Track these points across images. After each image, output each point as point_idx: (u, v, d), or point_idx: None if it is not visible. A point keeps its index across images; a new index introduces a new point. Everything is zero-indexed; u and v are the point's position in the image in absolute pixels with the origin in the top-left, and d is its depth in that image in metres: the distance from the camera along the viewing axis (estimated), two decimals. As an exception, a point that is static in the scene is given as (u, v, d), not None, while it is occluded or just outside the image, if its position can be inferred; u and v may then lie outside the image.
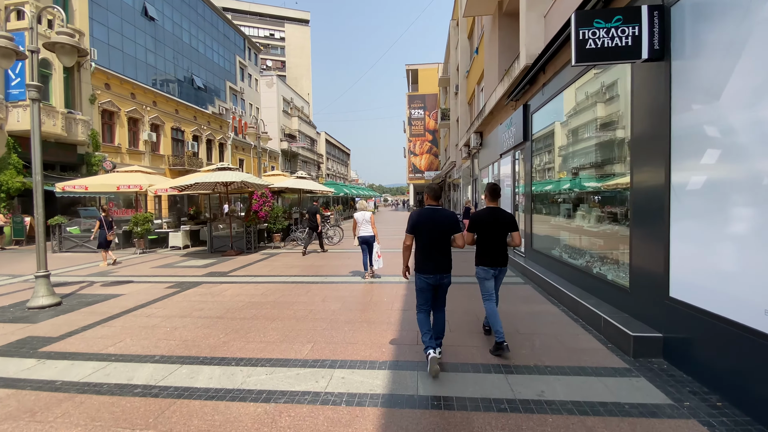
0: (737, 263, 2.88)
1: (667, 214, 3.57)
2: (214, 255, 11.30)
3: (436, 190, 3.74)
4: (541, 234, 7.60)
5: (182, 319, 5.21)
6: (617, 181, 4.94)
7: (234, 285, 7.22)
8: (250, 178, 10.65)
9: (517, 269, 7.98)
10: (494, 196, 4.17)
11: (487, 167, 13.52)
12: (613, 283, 4.63)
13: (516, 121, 8.67)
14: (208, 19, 32.67)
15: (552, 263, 6.70)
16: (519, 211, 8.91)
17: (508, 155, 9.66)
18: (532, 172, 7.82)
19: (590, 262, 5.44)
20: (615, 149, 5.02)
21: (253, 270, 8.72)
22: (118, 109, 20.58)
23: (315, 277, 7.82)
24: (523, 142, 8.25)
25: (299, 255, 11.00)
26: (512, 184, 9.31)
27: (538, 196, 7.77)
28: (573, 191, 6.31)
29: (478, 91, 15.63)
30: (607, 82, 5.18)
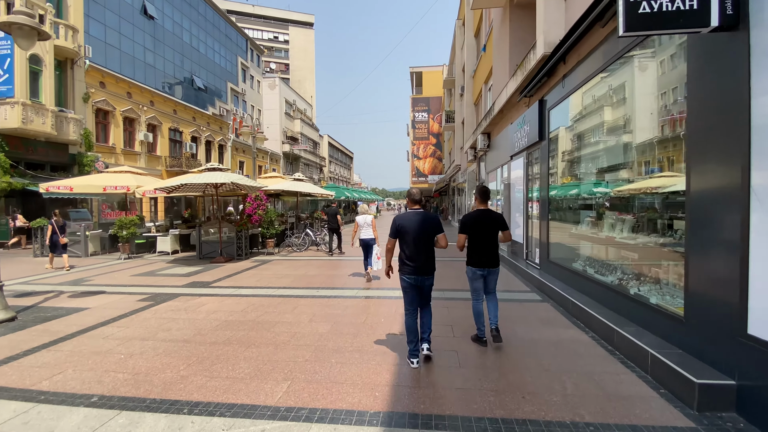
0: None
1: (746, 225, 2.75)
2: (203, 261, 10.55)
3: (415, 194, 3.90)
4: (559, 244, 6.78)
5: (143, 342, 4.42)
6: (658, 184, 4.13)
7: (214, 298, 6.44)
8: (241, 179, 9.92)
9: (532, 283, 7.14)
10: (484, 198, 4.29)
11: (495, 170, 12.70)
12: (659, 308, 3.80)
13: (530, 119, 7.87)
14: (210, 18, 32.23)
15: (574, 278, 5.86)
16: (533, 218, 8.09)
17: (520, 157, 8.86)
18: (549, 175, 7.01)
19: (624, 279, 4.61)
20: (655, 147, 4.21)
21: (239, 280, 7.94)
22: (113, 109, 19.99)
23: (306, 289, 7.02)
24: (539, 142, 7.44)
25: (293, 262, 10.21)
26: (524, 189, 8.50)
27: (556, 202, 6.96)
28: (599, 196, 5.48)
29: (486, 91, 14.86)
30: (645, 66, 4.38)
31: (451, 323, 5.01)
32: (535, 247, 7.99)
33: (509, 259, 9.18)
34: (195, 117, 27.08)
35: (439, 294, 6.41)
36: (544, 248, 7.19)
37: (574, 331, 4.68)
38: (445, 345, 4.24)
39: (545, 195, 7.11)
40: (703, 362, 3.13)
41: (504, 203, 10.22)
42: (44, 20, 16.10)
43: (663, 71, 4.11)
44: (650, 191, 4.36)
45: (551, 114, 7.00)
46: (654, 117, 4.24)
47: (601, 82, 5.32)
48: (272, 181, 14.88)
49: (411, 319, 3.77)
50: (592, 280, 5.29)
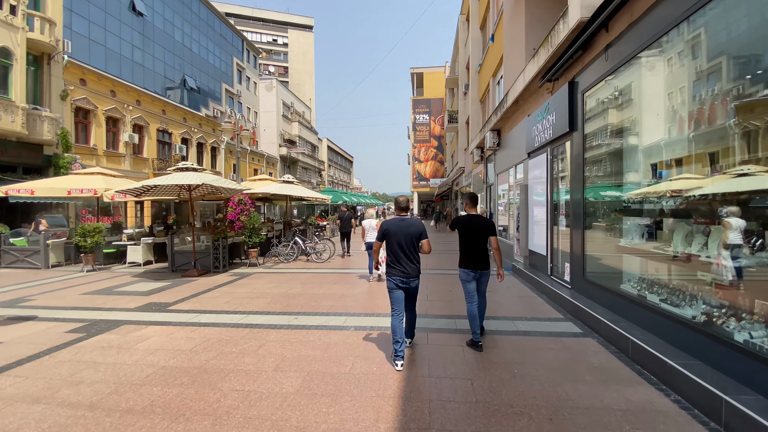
0: None
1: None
2: (174, 275, 9.19)
3: (402, 202, 4.15)
4: (601, 258, 5.41)
5: (29, 408, 3.07)
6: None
7: (163, 329, 5.08)
8: (217, 180, 8.59)
9: (564, 307, 5.76)
10: (473, 204, 4.50)
11: (506, 171, 11.36)
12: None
13: (556, 107, 6.54)
14: (204, 17, 31.17)
15: (626, 306, 4.49)
16: (559, 224, 6.72)
17: (541, 153, 7.52)
18: (584, 172, 5.65)
19: (716, 316, 3.24)
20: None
21: (204, 301, 6.57)
22: (94, 108, 18.76)
23: (282, 315, 5.64)
24: (568, 133, 6.11)
25: (277, 276, 8.85)
26: (547, 191, 7.14)
27: (594, 205, 5.60)
28: (665, 199, 4.13)
29: (494, 85, 13.57)
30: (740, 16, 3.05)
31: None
32: (562, 260, 6.62)
33: (527, 273, 7.81)
34: (186, 118, 25.87)
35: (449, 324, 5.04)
36: (578, 263, 5.82)
37: (647, 390, 3.28)
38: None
39: (579, 197, 5.75)
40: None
41: (521, 208, 8.86)
42: (16, 11, 14.92)
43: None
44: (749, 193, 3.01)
45: (586, 98, 5.67)
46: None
47: (664, 48, 3.99)
48: (259, 183, 13.55)
49: (397, 320, 3.87)
50: (656, 311, 3.92)
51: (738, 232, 3.17)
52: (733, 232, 3.19)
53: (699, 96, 3.60)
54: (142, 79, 23.96)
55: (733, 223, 3.19)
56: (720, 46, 3.37)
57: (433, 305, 6.05)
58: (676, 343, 3.58)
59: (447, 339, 4.51)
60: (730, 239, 3.21)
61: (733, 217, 3.19)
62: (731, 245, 3.19)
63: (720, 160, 3.39)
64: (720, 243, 3.31)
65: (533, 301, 6.33)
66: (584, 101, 5.69)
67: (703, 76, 3.57)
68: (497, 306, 5.99)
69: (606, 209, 5.32)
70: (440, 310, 5.79)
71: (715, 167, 3.44)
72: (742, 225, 3.14)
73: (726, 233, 3.22)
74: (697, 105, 3.62)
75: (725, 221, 3.25)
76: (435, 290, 7.13)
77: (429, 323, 5.10)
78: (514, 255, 9.97)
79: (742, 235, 3.12)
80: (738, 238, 3.16)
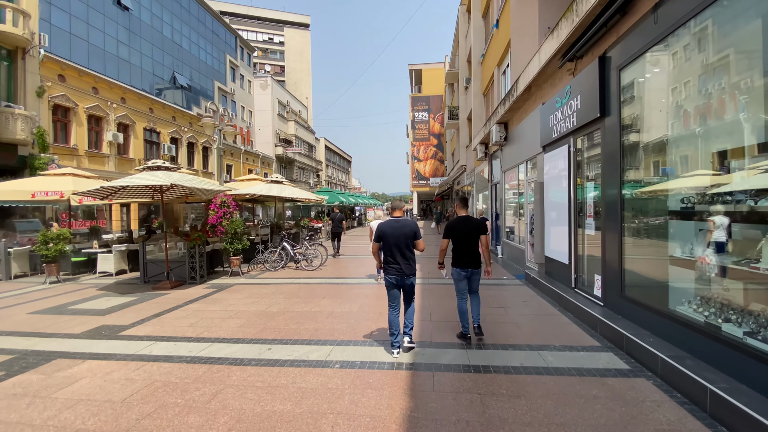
0: None
1: None
2: (145, 287, 8.18)
3: (397, 205, 4.44)
4: (645, 271, 4.39)
5: None
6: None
7: (102, 366, 4.05)
8: (191, 180, 7.56)
9: (597, 330, 4.74)
10: (464, 206, 4.66)
11: (514, 168, 10.35)
12: None
13: (581, 89, 5.53)
14: (194, 13, 30.14)
15: (686, 336, 3.48)
16: (586, 228, 5.70)
17: (561, 145, 6.50)
18: (622, 165, 4.64)
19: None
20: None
21: (166, 324, 5.54)
22: (74, 105, 17.72)
23: (253, 345, 4.60)
24: (599, 119, 5.09)
25: (259, 288, 7.82)
26: (570, 188, 6.13)
27: (635, 204, 4.58)
28: (748, 197, 3.11)
29: (498, 75, 12.56)
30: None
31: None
32: (590, 271, 5.61)
33: (544, 282, 6.79)
34: (175, 116, 24.84)
35: (459, 357, 4.03)
36: (614, 275, 4.80)
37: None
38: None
39: (615, 195, 4.74)
40: None
41: (535, 209, 7.84)
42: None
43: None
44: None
45: (623, 75, 4.65)
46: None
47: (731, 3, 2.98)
48: (247, 183, 12.52)
49: (393, 313, 4.19)
50: (741, 349, 2.90)
51: (722, 230, 3.27)
52: (718, 230, 3.31)
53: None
54: (129, 76, 22.93)
55: (717, 221, 3.32)
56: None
57: (439, 328, 5.03)
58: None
59: (459, 383, 3.49)
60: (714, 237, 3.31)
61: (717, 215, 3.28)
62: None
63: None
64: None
65: (557, 321, 5.31)
66: (620, 79, 4.67)
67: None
68: (515, 328, 4.97)
69: (654, 210, 4.30)
70: (448, 333, 4.77)
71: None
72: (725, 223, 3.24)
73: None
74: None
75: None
76: (439, 306, 6.11)
77: (435, 356, 4.09)
78: (526, 261, 8.96)
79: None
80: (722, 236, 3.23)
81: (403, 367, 3.81)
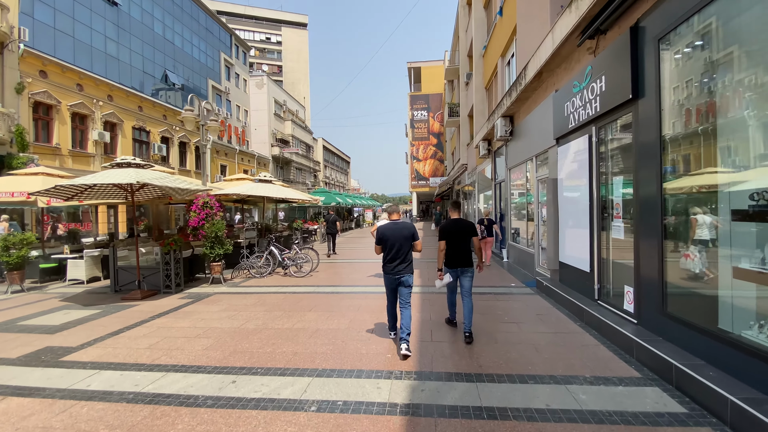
0: None
1: None
2: (115, 297, 7.37)
3: (396, 208, 4.70)
4: (694, 284, 3.59)
5: None
6: None
7: (22, 405, 3.23)
8: (164, 179, 6.74)
9: (633, 355, 3.93)
10: (456, 209, 4.93)
11: (521, 164, 9.55)
12: None
13: (606, 68, 4.74)
14: (187, 10, 29.36)
15: (758, 369, 2.68)
16: (612, 230, 4.89)
17: (580, 135, 5.70)
18: (662, 156, 3.83)
19: None
20: None
21: (121, 345, 4.72)
22: (57, 103, 16.91)
23: (215, 375, 3.79)
24: (631, 102, 4.29)
25: (239, 299, 7.01)
26: (591, 184, 5.32)
27: (682, 203, 3.77)
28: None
29: (502, 66, 11.77)
30: None
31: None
32: (618, 281, 4.80)
33: (559, 292, 5.98)
34: (166, 115, 24.05)
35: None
36: (651, 289, 3.99)
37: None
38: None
39: (653, 192, 3.93)
40: None
41: (548, 208, 7.03)
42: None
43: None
44: None
45: (662, 48, 3.85)
46: None
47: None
48: (235, 183, 11.72)
49: (391, 306, 4.58)
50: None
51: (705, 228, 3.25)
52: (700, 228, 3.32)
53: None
54: (117, 74, 22.14)
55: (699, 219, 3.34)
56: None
57: (442, 351, 4.21)
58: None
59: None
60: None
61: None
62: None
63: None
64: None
65: (582, 341, 4.50)
66: (658, 52, 3.87)
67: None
68: (533, 351, 4.15)
69: (708, 209, 3.49)
70: (453, 361, 3.95)
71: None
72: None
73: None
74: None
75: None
76: (441, 322, 5.30)
77: (437, 392, 3.27)
78: (535, 266, 8.15)
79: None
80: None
81: (397, 411, 3.00)
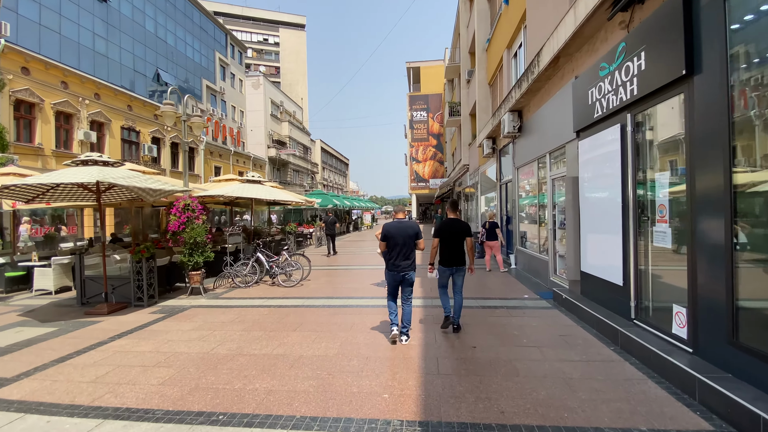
0: None
1: None
2: (79, 311, 6.55)
3: (399, 209, 4.97)
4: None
5: None
6: None
7: None
8: (129, 178, 5.93)
9: (695, 397, 3.12)
10: (454, 210, 5.09)
11: (531, 163, 8.76)
12: None
13: (647, 42, 3.95)
14: (180, 8, 28.64)
15: None
16: (656, 238, 4.08)
17: (609, 125, 4.91)
18: (730, 145, 3.03)
19: None
20: None
21: (60, 378, 3.90)
22: (40, 101, 16.11)
23: (163, 427, 2.98)
24: (683, 80, 3.51)
25: (218, 314, 6.18)
26: (624, 182, 4.52)
27: (763, 203, 2.98)
28: None
29: (508, 59, 11.00)
30: None
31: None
32: (662, 298, 3.99)
33: (582, 307, 5.17)
34: (158, 115, 23.20)
35: None
36: (714, 311, 3.19)
37: None
38: None
39: (719, 191, 3.13)
40: None
41: (567, 210, 6.22)
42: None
43: None
44: None
45: (731, 7, 3.06)
46: None
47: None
48: (224, 184, 10.92)
49: (392, 299, 4.73)
50: None
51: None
52: None
53: None
54: (106, 72, 21.38)
55: None
56: None
57: (452, 390, 3.38)
58: None
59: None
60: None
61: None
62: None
63: None
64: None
65: (623, 373, 3.67)
66: (726, 14, 3.08)
67: None
68: (565, 388, 3.33)
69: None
70: (467, 405, 3.12)
71: None
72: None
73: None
74: None
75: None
76: (449, 349, 4.48)
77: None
78: (549, 275, 7.34)
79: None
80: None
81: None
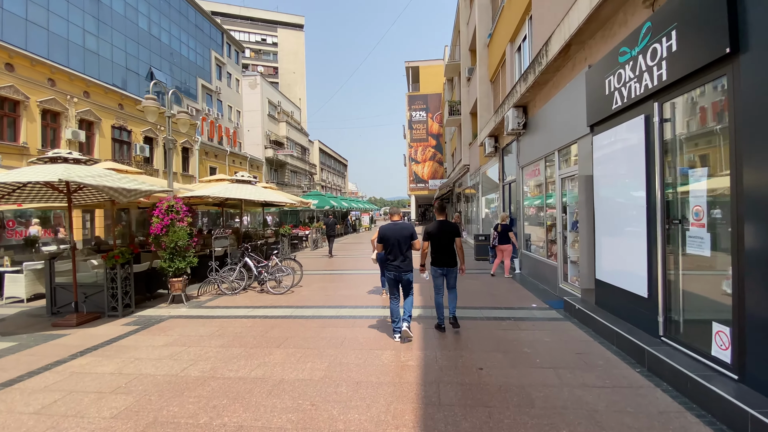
0: None
1: None
2: (47, 321, 6.00)
3: (395, 211, 5.13)
4: None
5: None
6: None
7: None
8: (98, 177, 5.39)
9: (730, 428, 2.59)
10: (442, 211, 5.23)
11: (537, 161, 8.24)
12: None
13: (678, 20, 3.45)
14: (175, 5, 28.14)
15: None
16: (689, 244, 3.55)
17: (630, 117, 4.39)
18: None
19: None
20: None
21: (1, 408, 3.36)
22: (25, 98, 15.55)
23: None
24: (724, 60, 3.00)
25: (196, 326, 5.64)
26: (649, 181, 4.00)
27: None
28: None
29: (511, 53, 10.51)
30: None
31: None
32: (696, 313, 3.47)
33: (598, 319, 4.65)
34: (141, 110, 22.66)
35: None
36: (764, 333, 2.66)
37: None
38: None
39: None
40: None
41: (580, 212, 5.69)
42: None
43: None
44: None
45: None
46: None
47: None
48: (212, 184, 10.37)
49: (394, 304, 4.80)
50: None
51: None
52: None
53: None
54: (97, 69, 20.88)
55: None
56: None
57: (455, 424, 2.85)
58: None
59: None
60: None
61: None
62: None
63: None
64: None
65: (656, 404, 3.14)
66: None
67: None
68: (592, 426, 2.81)
69: None
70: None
71: None
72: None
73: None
74: None
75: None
76: (450, 374, 3.94)
77: None
78: (558, 282, 6.81)
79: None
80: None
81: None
